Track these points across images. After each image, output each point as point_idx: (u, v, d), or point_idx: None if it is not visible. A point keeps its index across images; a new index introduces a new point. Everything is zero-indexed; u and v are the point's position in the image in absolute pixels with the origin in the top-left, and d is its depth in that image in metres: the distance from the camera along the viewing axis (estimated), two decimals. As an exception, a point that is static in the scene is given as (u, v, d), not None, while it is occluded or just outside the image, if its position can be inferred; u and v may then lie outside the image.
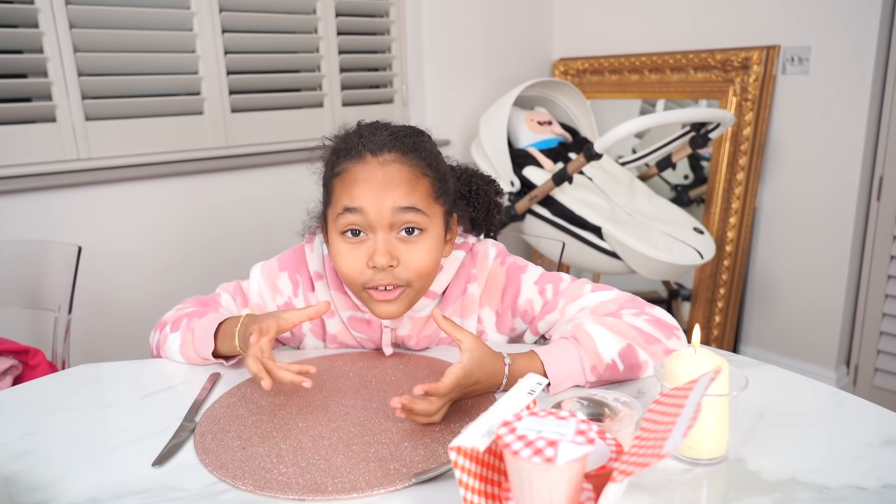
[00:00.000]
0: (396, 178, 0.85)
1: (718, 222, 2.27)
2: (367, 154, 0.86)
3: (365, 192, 0.84)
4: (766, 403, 0.77)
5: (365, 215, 0.84)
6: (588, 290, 0.93)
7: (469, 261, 0.98)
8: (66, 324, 1.36)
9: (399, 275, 0.86)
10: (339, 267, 0.89)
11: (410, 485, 0.64)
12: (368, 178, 0.85)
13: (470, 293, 0.97)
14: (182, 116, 1.91)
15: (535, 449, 0.47)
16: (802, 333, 2.23)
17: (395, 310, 0.89)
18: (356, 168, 0.86)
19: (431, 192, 0.88)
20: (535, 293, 0.95)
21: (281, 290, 1.00)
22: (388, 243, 0.85)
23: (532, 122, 2.23)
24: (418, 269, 0.87)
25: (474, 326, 0.98)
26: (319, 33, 2.12)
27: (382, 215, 0.84)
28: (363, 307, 0.95)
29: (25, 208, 1.68)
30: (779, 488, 0.61)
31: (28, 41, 1.66)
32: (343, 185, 0.86)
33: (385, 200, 0.84)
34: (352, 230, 0.86)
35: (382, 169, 0.85)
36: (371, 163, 0.86)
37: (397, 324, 0.96)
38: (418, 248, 0.86)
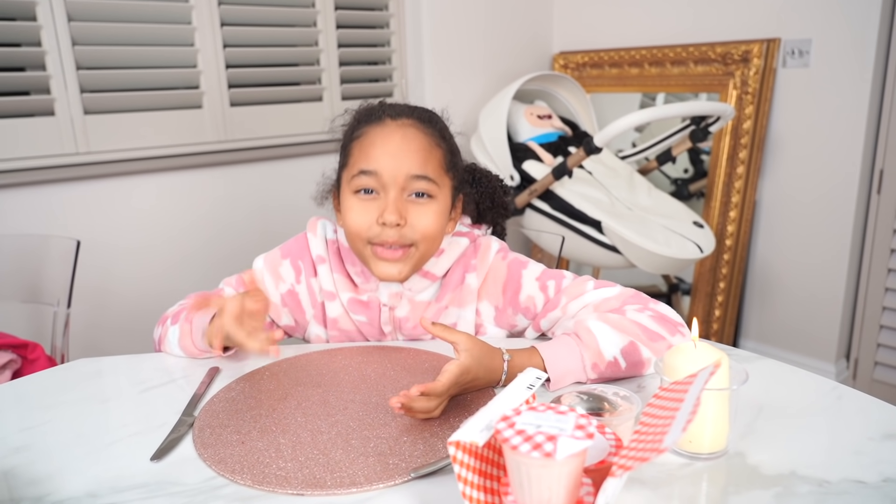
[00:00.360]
0: (413, 143, 0.89)
1: (718, 216, 2.27)
2: (387, 118, 0.91)
3: (382, 155, 0.89)
4: (766, 397, 0.77)
5: (379, 177, 0.89)
6: (591, 287, 0.92)
7: (471, 251, 1.00)
8: (64, 318, 1.36)
9: (406, 234, 0.89)
10: (348, 222, 0.91)
11: (409, 479, 0.64)
12: (386, 141, 0.89)
13: (468, 284, 0.98)
14: (181, 110, 1.90)
15: (534, 444, 0.47)
16: (802, 327, 2.23)
17: (396, 271, 0.91)
18: (375, 131, 0.91)
19: (443, 163, 0.92)
20: (536, 290, 0.95)
21: (283, 277, 1.01)
22: (399, 203, 0.89)
23: (532, 115, 2.22)
24: (424, 231, 0.90)
25: (472, 318, 0.98)
26: (319, 27, 2.11)
27: (396, 179, 0.89)
28: (362, 288, 0.97)
29: (24, 202, 1.68)
30: (779, 482, 0.61)
31: (26, 34, 1.65)
32: (361, 147, 0.91)
33: (400, 166, 0.88)
34: (365, 189, 0.90)
35: (400, 131, 0.90)
36: (390, 125, 0.91)
37: (396, 301, 0.97)
38: (426, 212, 0.90)
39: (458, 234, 1.00)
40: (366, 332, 1.01)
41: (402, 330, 0.99)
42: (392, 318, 0.98)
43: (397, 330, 1.00)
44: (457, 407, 0.77)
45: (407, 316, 0.98)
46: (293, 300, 1.01)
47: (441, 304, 0.98)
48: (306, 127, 2.14)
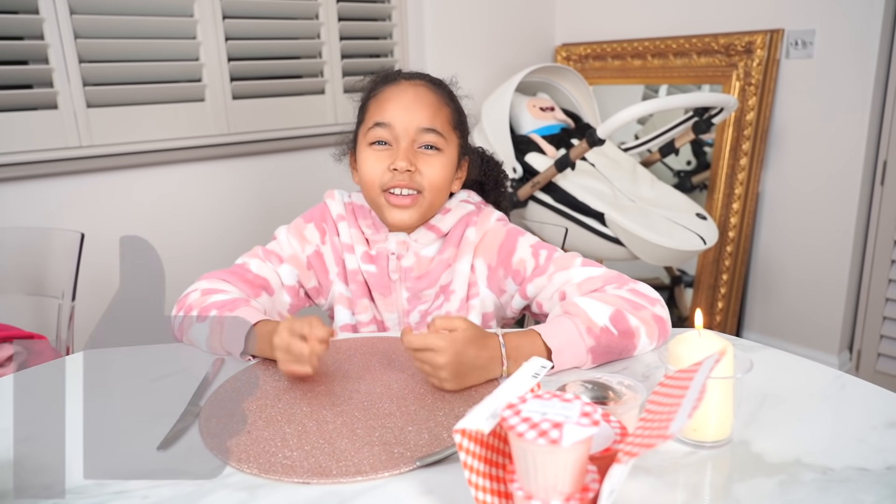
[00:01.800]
0: (424, 99, 0.99)
1: (721, 208, 2.26)
2: (402, 80, 1.02)
3: (395, 109, 0.98)
4: (770, 386, 0.77)
5: (392, 129, 0.98)
6: (578, 264, 0.96)
7: (475, 212, 1.07)
8: (69, 310, 1.37)
9: (415, 180, 0.98)
10: (363, 172, 1.00)
11: (415, 468, 0.64)
12: (400, 97, 0.99)
13: (466, 236, 1.04)
14: (183, 103, 1.90)
15: (539, 431, 0.48)
16: (805, 319, 2.23)
17: (407, 217, 0.99)
18: (390, 89, 1.01)
19: (451, 120, 1.02)
20: (528, 255, 1.00)
21: (309, 239, 1.07)
22: (409, 152, 0.98)
23: (534, 108, 2.22)
24: (431, 180, 0.99)
25: (466, 270, 1.03)
26: (321, 19, 2.11)
27: (408, 130, 0.98)
28: (373, 240, 1.05)
29: (27, 195, 1.68)
30: (783, 470, 0.61)
31: (29, 28, 1.65)
32: (377, 103, 1.00)
33: (412, 118, 0.98)
34: (379, 141, 0.99)
35: (413, 89, 1.00)
36: (403, 84, 1.01)
37: (403, 250, 1.04)
38: (434, 162, 0.99)
39: (466, 202, 1.08)
40: (374, 285, 1.06)
41: (407, 279, 1.05)
42: (399, 267, 1.04)
43: (403, 279, 1.05)
44: (462, 396, 0.78)
45: (411, 266, 1.04)
46: (318, 261, 1.07)
47: (443, 256, 1.04)
48: (308, 120, 2.13)
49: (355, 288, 1.06)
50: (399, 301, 1.06)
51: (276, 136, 2.08)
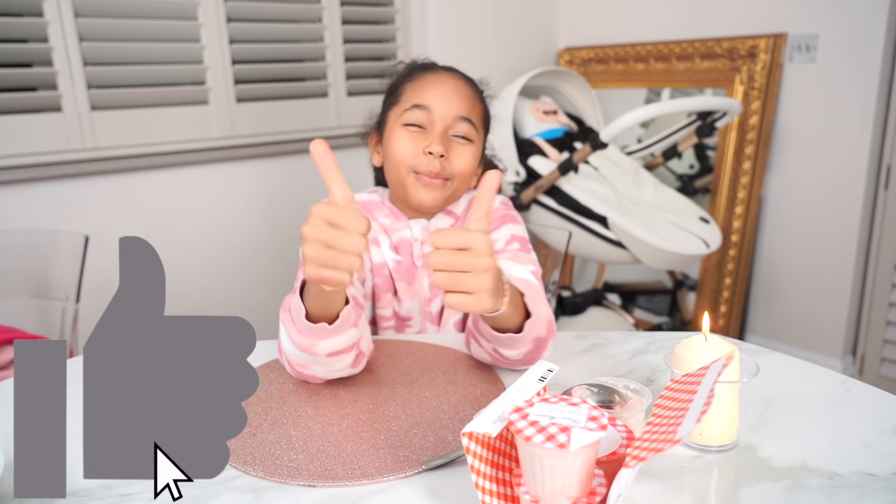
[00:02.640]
0: (462, 90, 1.00)
1: (724, 212, 2.26)
2: (440, 69, 1.04)
3: (435, 95, 0.98)
4: (776, 391, 0.77)
5: (430, 114, 0.98)
6: (529, 270, 0.95)
7: None
8: (73, 313, 1.37)
9: (445, 167, 0.98)
10: (394, 150, 0.99)
11: (420, 471, 0.64)
12: (441, 84, 1.00)
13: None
14: (187, 106, 1.90)
15: (547, 435, 0.48)
16: (809, 323, 2.23)
17: (432, 198, 0.99)
18: (430, 75, 1.02)
19: (482, 116, 1.04)
20: (503, 239, 1.02)
21: None
22: (444, 138, 0.98)
23: (537, 111, 2.22)
24: (461, 168, 0.99)
25: None
26: (324, 23, 2.11)
27: (445, 117, 0.98)
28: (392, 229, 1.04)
29: (32, 198, 1.68)
30: (789, 475, 0.61)
31: (33, 30, 1.66)
32: (416, 87, 1.01)
33: (450, 106, 0.98)
34: (414, 124, 0.99)
35: (452, 80, 1.01)
36: (443, 74, 1.02)
37: (425, 235, 1.03)
38: (465, 151, 1.00)
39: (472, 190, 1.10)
40: (400, 274, 1.05)
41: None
42: (423, 254, 1.04)
43: (426, 266, 1.02)
44: (466, 401, 0.78)
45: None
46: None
47: None
48: (312, 122, 2.14)
49: (380, 282, 1.05)
50: (421, 289, 1.05)
51: (280, 139, 2.09)
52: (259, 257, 2.05)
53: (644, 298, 2.59)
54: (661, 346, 0.92)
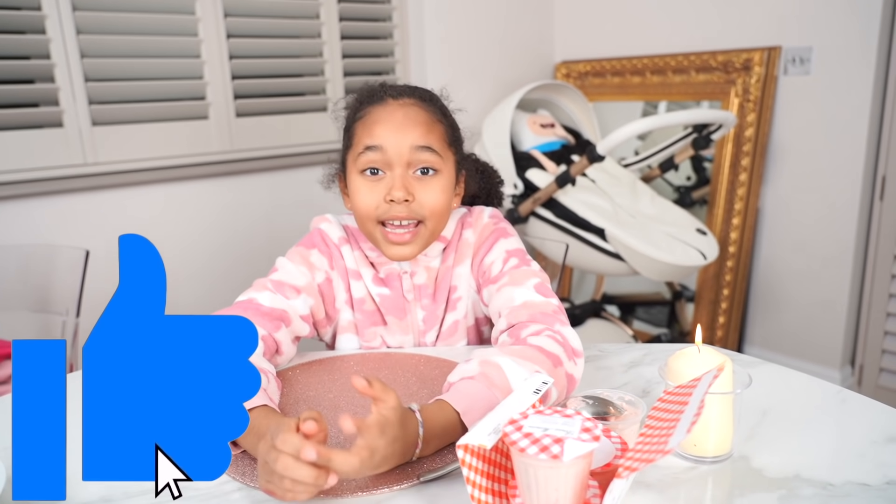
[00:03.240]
0: (415, 118, 0.91)
1: (721, 223, 2.27)
2: (389, 98, 0.93)
3: (385, 131, 0.90)
4: (770, 401, 0.77)
5: (384, 153, 0.90)
6: (530, 285, 0.90)
7: (467, 214, 1.04)
8: (74, 327, 1.37)
9: (414, 210, 0.91)
10: (356, 203, 0.93)
11: (417, 483, 0.64)
12: (389, 118, 0.91)
13: (465, 238, 1.01)
14: (188, 121, 1.92)
15: (541, 446, 0.48)
16: (807, 334, 2.23)
17: (408, 251, 0.93)
18: (377, 110, 0.92)
19: (445, 137, 0.94)
20: (500, 259, 0.96)
21: (317, 266, 0.98)
22: (405, 179, 0.90)
23: (535, 124, 2.24)
24: (432, 207, 0.92)
25: (468, 274, 1.00)
26: (323, 38, 2.13)
27: (401, 153, 0.90)
28: (378, 263, 0.99)
29: (33, 213, 1.69)
30: (783, 485, 0.62)
31: (35, 47, 1.67)
32: (365, 126, 0.92)
33: (404, 139, 0.90)
34: (371, 169, 0.91)
35: (402, 110, 0.92)
36: (392, 104, 0.92)
37: (415, 267, 0.99)
38: (432, 187, 0.92)
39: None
40: (388, 308, 1.00)
41: (423, 297, 1.00)
42: (413, 286, 1.00)
43: (418, 299, 1.01)
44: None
45: (426, 283, 1.00)
46: (328, 288, 0.99)
47: (447, 264, 1.00)
48: (311, 137, 2.15)
49: (362, 317, 1.01)
50: (415, 323, 1.01)
51: (280, 154, 2.10)
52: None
53: (643, 310, 2.59)
54: (656, 358, 0.93)
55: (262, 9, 2.01)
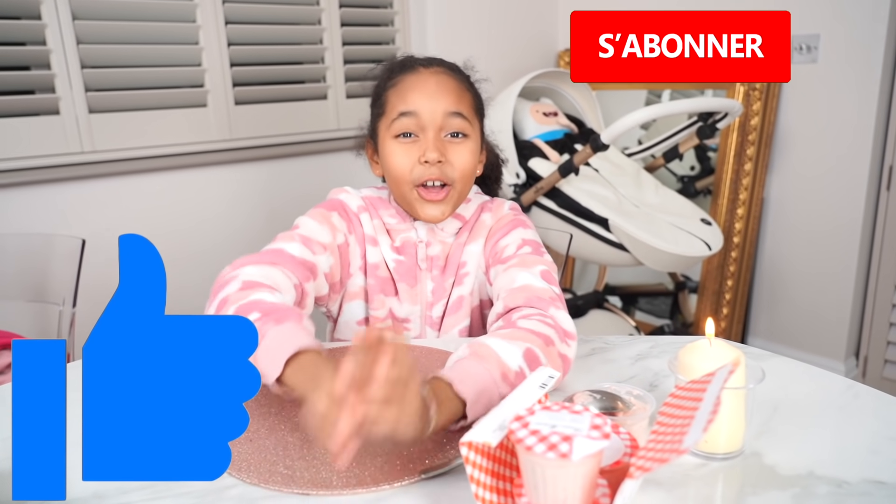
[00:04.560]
0: (447, 86, 0.96)
1: (726, 213, 2.25)
2: (420, 67, 0.98)
3: (419, 97, 0.95)
4: (782, 396, 0.75)
5: (418, 118, 0.94)
6: (536, 271, 0.90)
7: (489, 201, 1.08)
8: (70, 317, 1.36)
9: (446, 172, 0.95)
10: (392, 166, 0.96)
11: (418, 480, 0.63)
12: (422, 85, 0.95)
13: (482, 220, 1.04)
14: (186, 109, 1.89)
15: (549, 444, 0.46)
16: (811, 325, 2.22)
17: (439, 212, 0.97)
18: (410, 77, 0.97)
19: (473, 105, 1.00)
20: (514, 244, 0.98)
21: (338, 227, 0.99)
22: (438, 141, 0.95)
23: (537, 113, 2.21)
24: (462, 169, 0.96)
25: (479, 252, 1.02)
26: (323, 24, 2.10)
27: (434, 117, 0.94)
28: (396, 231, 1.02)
29: (29, 201, 1.67)
30: (797, 483, 0.60)
31: (31, 33, 1.65)
32: (398, 93, 0.96)
33: (437, 104, 0.94)
34: (405, 133, 0.95)
35: (434, 77, 0.97)
36: (423, 72, 0.97)
37: (431, 238, 1.01)
38: (463, 150, 0.96)
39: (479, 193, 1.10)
40: (402, 274, 1.02)
41: (433, 268, 1.03)
42: (426, 256, 1.02)
43: (429, 269, 1.03)
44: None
45: (438, 254, 1.03)
46: (346, 251, 1.00)
47: (460, 240, 1.03)
48: (311, 125, 2.13)
49: (374, 283, 1.02)
50: (424, 293, 1.03)
51: (279, 142, 2.07)
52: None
53: (645, 301, 2.57)
54: (664, 350, 0.91)
55: (261, -6, 1.98)
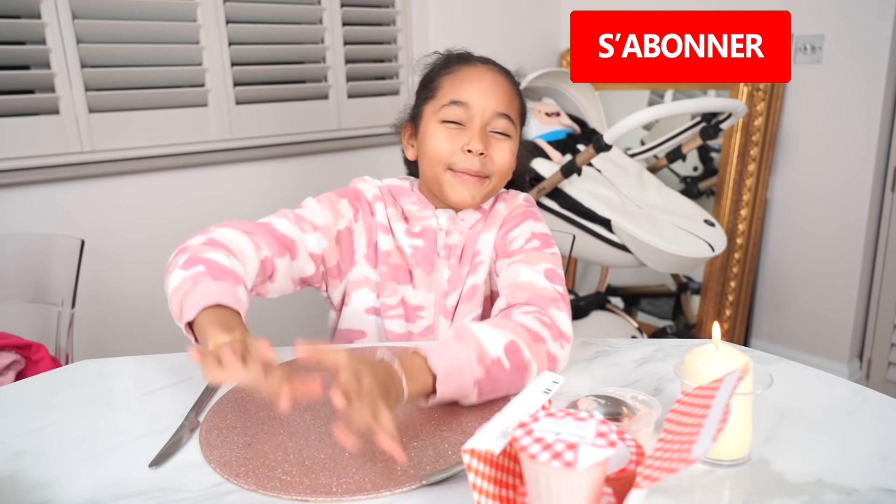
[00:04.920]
0: (501, 86, 0.98)
1: (729, 214, 2.23)
2: (477, 62, 1.01)
3: (473, 90, 0.96)
4: (789, 401, 0.74)
5: (469, 110, 0.96)
6: (540, 269, 0.91)
7: (504, 192, 1.09)
8: (69, 318, 1.35)
9: (486, 165, 0.96)
10: (431, 147, 0.97)
11: (419, 486, 0.62)
12: (479, 79, 0.97)
13: (496, 209, 1.05)
14: (186, 108, 1.88)
15: (553, 452, 0.45)
16: (814, 327, 2.20)
17: (469, 195, 0.97)
18: (467, 69, 0.99)
19: (519, 111, 1.02)
20: (523, 236, 0.99)
21: (343, 213, 1.01)
22: (483, 134, 0.96)
23: (540, 113, 2.20)
24: (500, 165, 0.98)
25: (492, 240, 1.02)
26: (324, 24, 2.09)
27: (484, 113, 0.96)
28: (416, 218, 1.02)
29: (28, 201, 1.66)
30: (805, 491, 0.59)
31: (31, 32, 1.64)
32: (453, 81, 0.98)
33: (489, 101, 0.96)
34: (452, 121, 0.97)
35: (490, 74, 0.99)
36: (480, 67, 1.00)
37: (451, 226, 1.02)
38: (504, 148, 0.98)
39: None
40: (419, 260, 1.02)
41: (451, 257, 1.02)
42: (445, 244, 1.02)
43: (447, 258, 1.03)
44: (471, 412, 0.75)
45: (457, 244, 1.03)
46: (348, 238, 1.01)
47: (475, 230, 1.03)
48: (312, 125, 2.12)
49: (386, 270, 1.01)
50: (440, 280, 1.02)
51: (280, 142, 2.06)
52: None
53: (647, 302, 2.56)
54: (668, 354, 0.90)
55: (262, -6, 1.97)
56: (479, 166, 0.96)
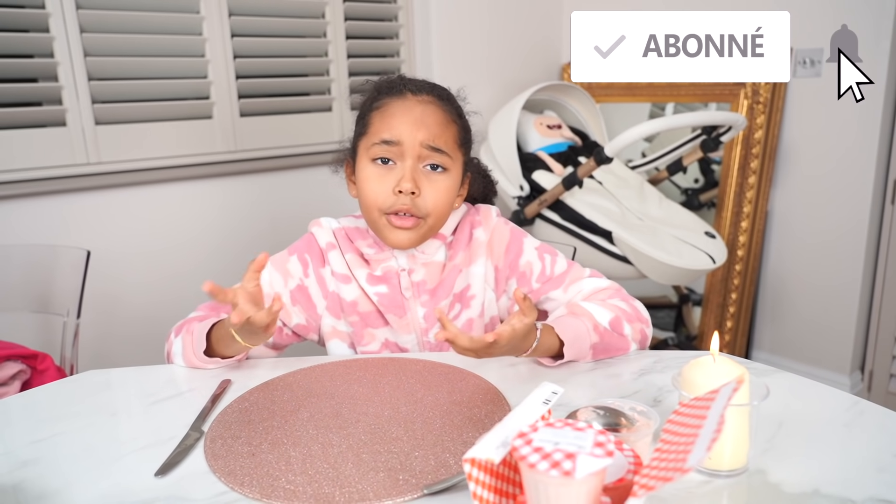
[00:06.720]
0: (432, 117, 0.94)
1: (730, 226, 2.25)
2: (408, 93, 0.96)
3: (402, 126, 0.93)
4: (786, 412, 0.75)
5: (399, 146, 0.93)
6: (587, 275, 1.02)
7: (473, 211, 1.06)
8: (74, 328, 1.36)
9: (418, 204, 0.94)
10: (364, 191, 0.96)
11: (420, 496, 0.62)
12: (407, 113, 0.94)
13: (476, 238, 1.03)
14: (191, 121, 1.90)
15: (552, 462, 0.46)
16: (816, 339, 2.21)
17: (406, 239, 0.96)
18: (396, 103, 0.95)
19: (458, 138, 0.98)
20: (535, 257, 1.02)
21: (292, 273, 1.02)
22: (415, 172, 0.94)
23: (541, 125, 2.22)
24: (435, 203, 0.95)
25: (482, 272, 1.02)
26: (328, 37, 2.11)
27: (414, 147, 0.93)
28: (375, 261, 1.01)
29: (35, 212, 1.68)
30: (802, 501, 0.59)
31: (38, 45, 1.66)
32: (382, 117, 0.95)
33: (418, 135, 0.93)
34: (382, 159, 0.95)
35: (420, 107, 0.95)
36: (410, 100, 0.95)
37: (413, 263, 1.01)
38: (438, 185, 0.95)
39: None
40: (387, 306, 1.01)
41: (421, 294, 1.01)
42: (411, 284, 1.01)
43: (416, 296, 1.02)
44: (471, 422, 0.76)
45: (424, 279, 1.01)
46: (303, 295, 1.02)
47: (455, 262, 1.02)
48: (316, 137, 2.13)
49: (358, 319, 1.01)
50: (415, 320, 1.02)
51: (284, 154, 2.08)
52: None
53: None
54: (667, 365, 0.91)
55: (266, 8, 1.99)
56: (410, 206, 0.93)
